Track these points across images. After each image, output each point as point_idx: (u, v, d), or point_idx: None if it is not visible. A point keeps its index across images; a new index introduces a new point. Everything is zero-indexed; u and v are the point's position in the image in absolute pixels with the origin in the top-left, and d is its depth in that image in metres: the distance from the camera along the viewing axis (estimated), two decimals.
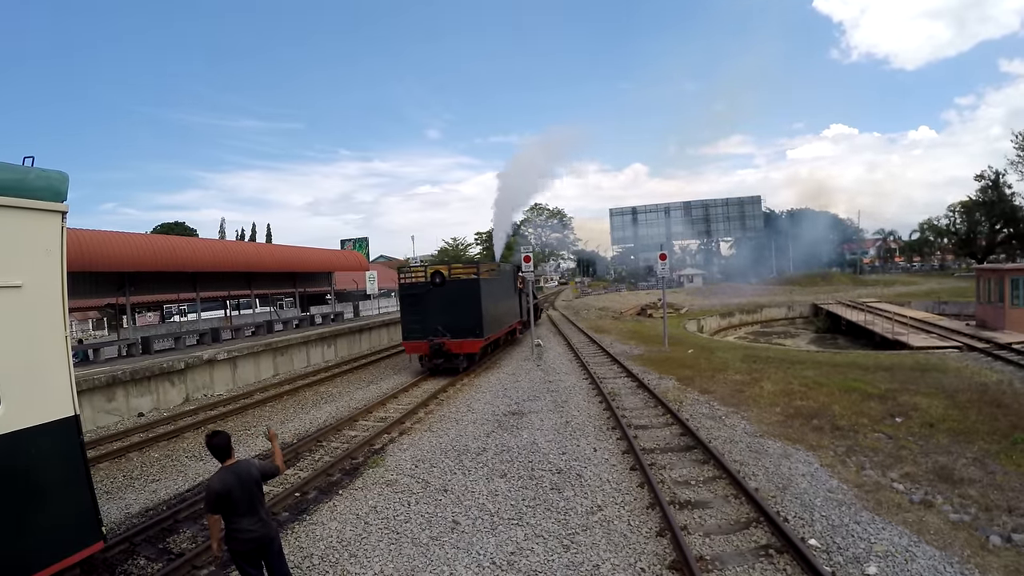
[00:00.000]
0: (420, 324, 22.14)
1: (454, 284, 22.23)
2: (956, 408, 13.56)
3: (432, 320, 21.90)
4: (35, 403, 5.97)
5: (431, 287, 22.19)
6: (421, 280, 22.65)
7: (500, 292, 26.28)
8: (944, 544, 7.39)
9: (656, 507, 8.85)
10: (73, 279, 6.72)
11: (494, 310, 24.42)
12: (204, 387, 21.49)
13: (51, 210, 6.21)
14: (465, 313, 21.93)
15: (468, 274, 22.80)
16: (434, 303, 22.04)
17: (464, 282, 22.36)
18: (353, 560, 7.91)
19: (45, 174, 6.23)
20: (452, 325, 21.73)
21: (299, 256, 36.04)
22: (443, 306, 21.92)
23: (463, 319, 21.86)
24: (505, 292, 27.81)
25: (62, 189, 6.35)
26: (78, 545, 6.28)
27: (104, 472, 12.66)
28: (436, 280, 22.17)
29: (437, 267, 22.99)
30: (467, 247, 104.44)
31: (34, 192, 6.04)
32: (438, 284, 22.13)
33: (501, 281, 26.82)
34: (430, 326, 21.87)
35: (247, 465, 5.96)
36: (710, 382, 18.05)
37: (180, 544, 8.93)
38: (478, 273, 22.59)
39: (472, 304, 22.02)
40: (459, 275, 22.69)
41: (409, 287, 22.85)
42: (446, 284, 22.14)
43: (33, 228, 6.05)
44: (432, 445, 13.14)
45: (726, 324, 50.87)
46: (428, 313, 22.06)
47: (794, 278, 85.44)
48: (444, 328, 21.71)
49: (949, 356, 21.31)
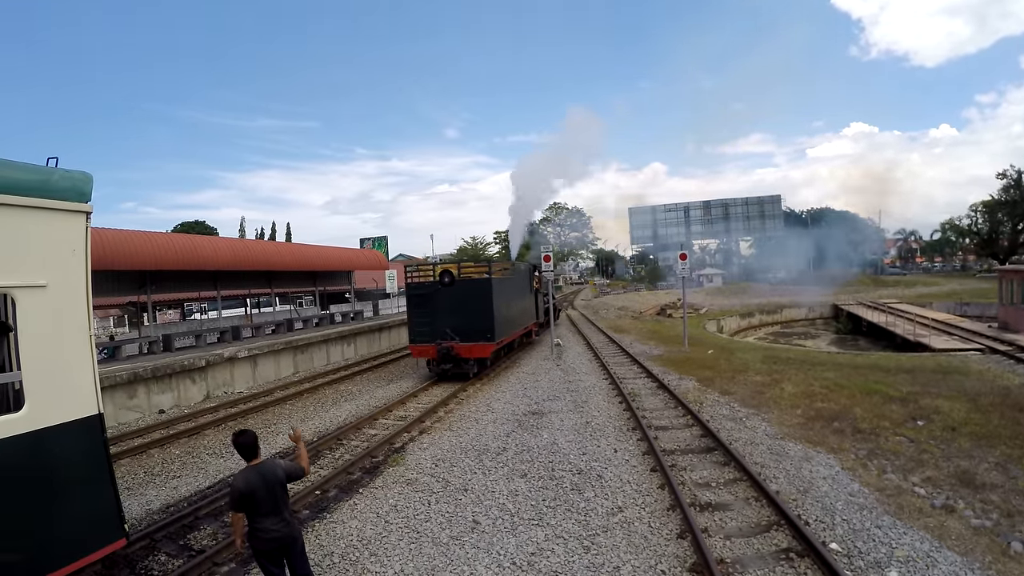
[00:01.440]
0: (427, 326, 21.18)
1: (464, 284, 21.20)
2: (978, 412, 13.41)
3: (440, 322, 20.85)
4: (60, 402, 6.02)
5: (439, 287, 21.11)
6: (429, 279, 21.71)
7: (514, 292, 25.29)
8: (965, 550, 7.32)
9: (677, 509, 8.82)
10: (95, 277, 6.75)
11: (507, 311, 23.43)
12: (225, 385, 21.61)
13: (76, 210, 6.25)
14: (476, 315, 20.77)
15: (479, 273, 21.82)
16: (443, 304, 21.03)
17: (475, 282, 21.34)
18: (373, 559, 7.92)
19: (69, 175, 6.27)
20: (462, 328, 20.65)
21: (319, 255, 36.25)
22: (452, 307, 20.91)
23: (473, 321, 20.70)
24: (520, 292, 26.74)
25: (86, 190, 6.38)
26: (101, 542, 6.32)
27: (125, 468, 12.73)
28: (445, 279, 21.06)
29: (446, 266, 22.04)
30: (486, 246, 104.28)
31: (59, 193, 6.08)
32: (447, 284, 21.04)
33: (515, 281, 25.79)
34: (438, 328, 20.84)
35: (272, 465, 5.98)
36: (730, 383, 17.96)
37: (200, 541, 8.98)
38: (490, 272, 21.51)
39: (483, 305, 20.89)
40: (470, 274, 21.76)
41: (416, 287, 21.93)
42: (455, 284, 21.08)
43: (58, 228, 6.09)
44: (452, 444, 13.15)
45: (746, 324, 50.67)
46: (436, 314, 21.04)
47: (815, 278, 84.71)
48: (453, 331, 20.64)
49: (971, 358, 21.11)
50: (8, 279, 5.64)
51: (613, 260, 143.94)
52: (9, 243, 5.66)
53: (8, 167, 5.73)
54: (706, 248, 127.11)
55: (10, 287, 5.68)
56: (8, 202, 5.56)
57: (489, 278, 21.17)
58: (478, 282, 21.27)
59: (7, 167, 5.72)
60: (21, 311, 5.75)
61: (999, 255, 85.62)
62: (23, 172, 5.84)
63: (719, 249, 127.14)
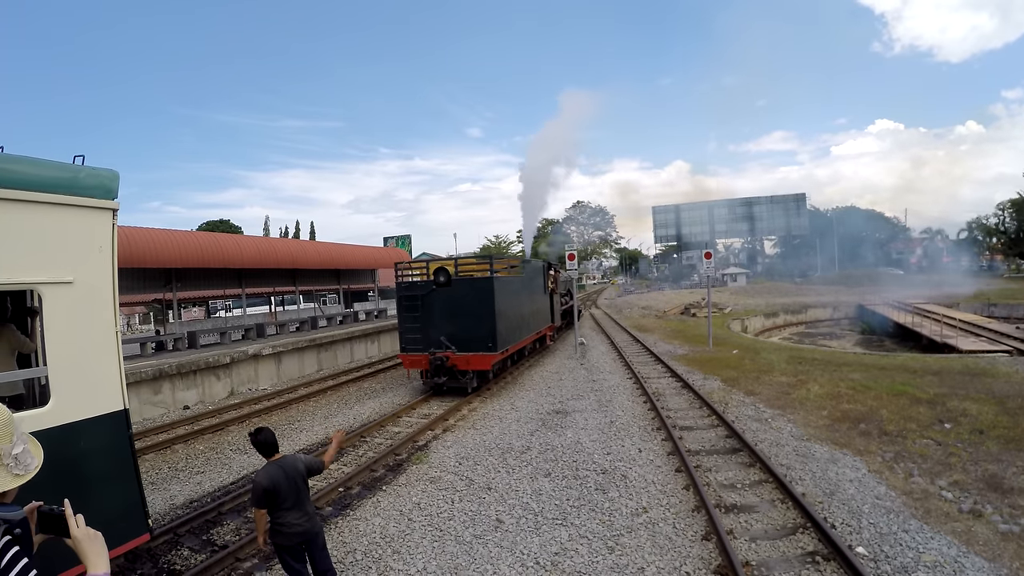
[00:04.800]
0: (420, 333, 18.51)
1: (462, 284, 18.36)
2: (1006, 415, 13.17)
3: (435, 329, 18.27)
4: (86, 397, 6.04)
5: (434, 287, 18.35)
6: (421, 279, 19.07)
7: (524, 293, 22.36)
8: (993, 555, 7.18)
9: (702, 510, 8.73)
10: (121, 275, 6.78)
11: (515, 315, 20.53)
12: (249, 381, 21.77)
13: (102, 207, 6.27)
14: (475, 320, 17.96)
15: (480, 271, 18.79)
16: (437, 307, 18.36)
17: (474, 282, 18.41)
18: (396, 556, 7.91)
19: (96, 172, 6.29)
20: (459, 335, 17.99)
21: (343, 253, 36.43)
22: (448, 311, 18.24)
23: (472, 328, 17.95)
24: (531, 293, 23.74)
25: (113, 187, 6.40)
26: (125, 537, 6.35)
27: (150, 463, 12.86)
28: (440, 279, 18.27)
29: (441, 263, 19.33)
30: (510, 244, 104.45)
31: (86, 190, 6.10)
32: (442, 284, 18.25)
33: (525, 280, 22.84)
34: (432, 336, 18.24)
35: (293, 460, 5.99)
36: (755, 383, 17.80)
37: (224, 536, 9.01)
38: (492, 270, 18.40)
39: (484, 309, 17.97)
40: (469, 273, 18.86)
41: (407, 287, 19.10)
42: (452, 284, 18.28)
43: (85, 225, 6.11)
44: (476, 442, 13.13)
45: (770, 324, 50.26)
46: (430, 320, 18.40)
47: (839, 277, 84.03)
48: (449, 339, 18.01)
49: (999, 360, 20.81)
50: (36, 275, 5.67)
51: (636, 259, 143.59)
52: (37, 240, 5.69)
53: (36, 165, 5.76)
54: (730, 247, 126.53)
55: (38, 283, 5.71)
56: (36, 199, 5.59)
57: (491, 277, 18.21)
58: (478, 282, 18.40)
59: (35, 165, 5.75)
60: (48, 307, 5.77)
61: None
62: (51, 170, 5.87)
63: (743, 248, 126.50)
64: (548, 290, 27.35)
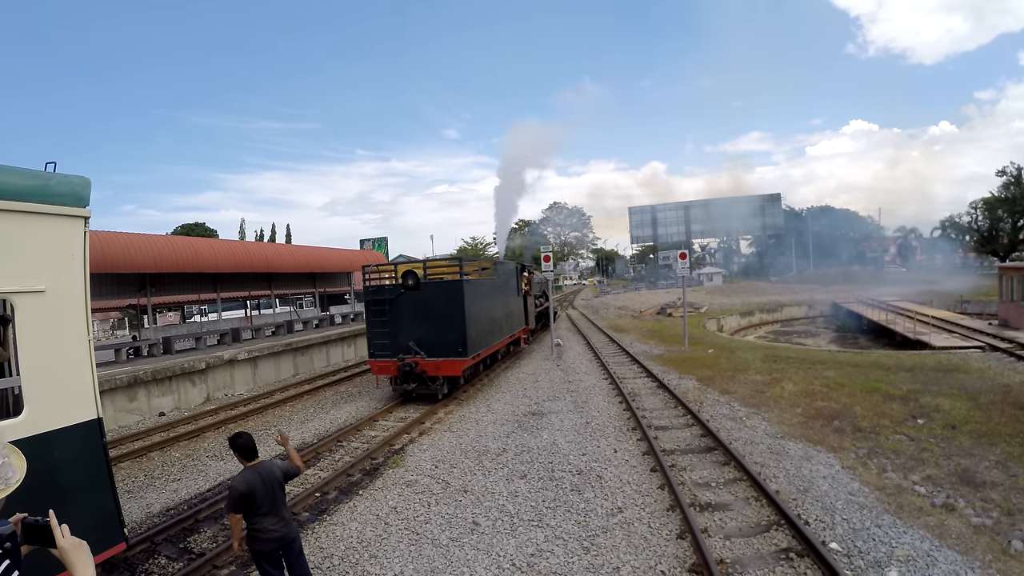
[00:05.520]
0: (388, 338, 17.88)
1: (431, 287, 17.79)
2: (978, 410, 13.43)
3: (404, 334, 17.65)
4: (59, 406, 6.02)
5: (402, 291, 17.75)
6: (389, 282, 18.61)
7: (496, 296, 21.75)
8: (966, 548, 7.32)
9: (676, 509, 8.83)
10: (95, 280, 6.76)
11: (486, 319, 20.01)
12: (225, 387, 21.64)
13: (74, 215, 6.25)
14: (445, 324, 17.36)
15: (450, 274, 18.29)
16: (406, 311, 17.77)
17: (444, 285, 17.91)
18: (373, 561, 7.93)
19: (68, 180, 6.28)
20: (428, 340, 17.41)
21: (319, 256, 36.26)
22: (417, 315, 17.65)
23: (442, 332, 17.36)
24: (503, 296, 23.13)
25: (84, 194, 6.38)
26: (101, 547, 6.32)
27: (126, 471, 12.77)
28: (408, 282, 17.65)
29: (409, 265, 18.72)
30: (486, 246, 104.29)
31: (57, 197, 6.08)
32: (411, 287, 17.64)
33: (497, 282, 22.20)
34: (401, 341, 17.63)
35: (270, 465, 6.01)
36: (730, 382, 17.98)
37: (201, 544, 8.98)
38: (463, 272, 17.94)
39: (454, 313, 17.41)
40: (439, 275, 18.39)
41: (374, 291, 18.49)
42: (421, 287, 17.67)
43: (57, 233, 6.09)
44: (452, 445, 13.15)
45: (746, 323, 50.69)
46: (399, 324, 17.79)
47: (814, 276, 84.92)
48: (418, 344, 17.42)
49: (971, 356, 21.15)
50: (7, 284, 5.64)
51: (613, 259, 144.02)
52: (7, 248, 5.66)
53: (7, 172, 5.73)
54: (706, 247, 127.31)
55: (9, 292, 5.69)
56: (7, 208, 5.57)
57: (461, 280, 17.70)
58: (447, 285, 17.90)
59: (6, 173, 5.72)
60: (20, 316, 5.75)
61: (999, 252, 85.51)
62: (22, 177, 5.84)
63: (719, 248, 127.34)
64: (522, 292, 26.84)
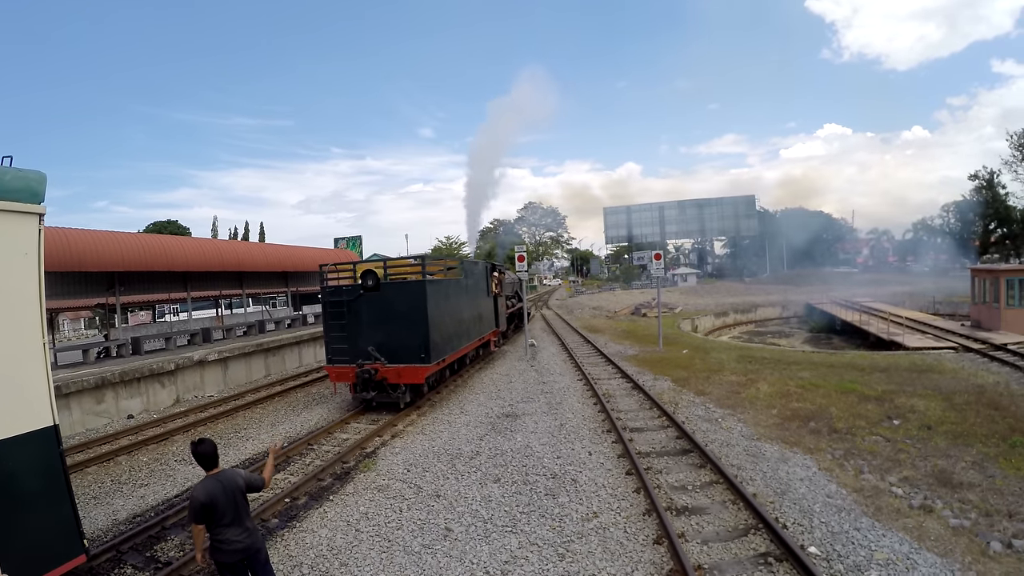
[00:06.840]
0: (346, 343, 16.92)
1: (392, 288, 16.69)
2: (953, 410, 13.50)
3: (363, 338, 16.68)
4: (11, 413, 5.78)
5: (361, 292, 16.70)
6: (348, 283, 17.44)
7: (463, 297, 20.62)
8: (945, 550, 7.29)
9: (653, 513, 8.71)
10: (63, 279, 6.56)
11: (452, 322, 18.95)
12: (195, 388, 21.29)
13: (28, 212, 6.02)
14: (406, 328, 16.36)
15: (413, 274, 17.19)
16: (365, 314, 16.75)
17: (405, 286, 16.82)
18: (344, 569, 7.74)
19: (23, 174, 6.04)
20: (389, 345, 16.45)
21: (291, 255, 35.91)
22: (377, 318, 16.63)
23: (404, 336, 16.39)
24: (472, 297, 21.97)
25: (40, 190, 6.15)
26: (59, 560, 6.10)
27: (92, 477, 12.47)
28: (368, 283, 16.60)
29: (369, 265, 17.52)
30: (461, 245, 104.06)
31: (10, 193, 5.84)
32: (371, 288, 16.60)
33: (464, 283, 20.93)
34: (360, 346, 16.65)
35: (232, 474, 5.80)
36: (706, 383, 17.94)
37: (167, 552, 8.75)
38: (426, 273, 16.84)
39: (416, 316, 16.36)
40: (401, 275, 17.29)
41: (332, 292, 17.39)
42: (381, 288, 16.62)
43: (9, 230, 5.85)
44: (424, 448, 12.97)
45: (720, 323, 51.00)
46: (358, 328, 16.80)
47: (788, 277, 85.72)
48: (378, 349, 16.42)
49: (945, 357, 21.28)
50: None
51: (588, 259, 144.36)
52: None
53: None
54: (681, 248, 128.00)
55: None
56: None
57: (423, 281, 16.62)
58: (409, 286, 16.82)
59: None
60: None
61: (971, 255, 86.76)
62: None
63: (694, 248, 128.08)
64: (492, 293, 25.86)
